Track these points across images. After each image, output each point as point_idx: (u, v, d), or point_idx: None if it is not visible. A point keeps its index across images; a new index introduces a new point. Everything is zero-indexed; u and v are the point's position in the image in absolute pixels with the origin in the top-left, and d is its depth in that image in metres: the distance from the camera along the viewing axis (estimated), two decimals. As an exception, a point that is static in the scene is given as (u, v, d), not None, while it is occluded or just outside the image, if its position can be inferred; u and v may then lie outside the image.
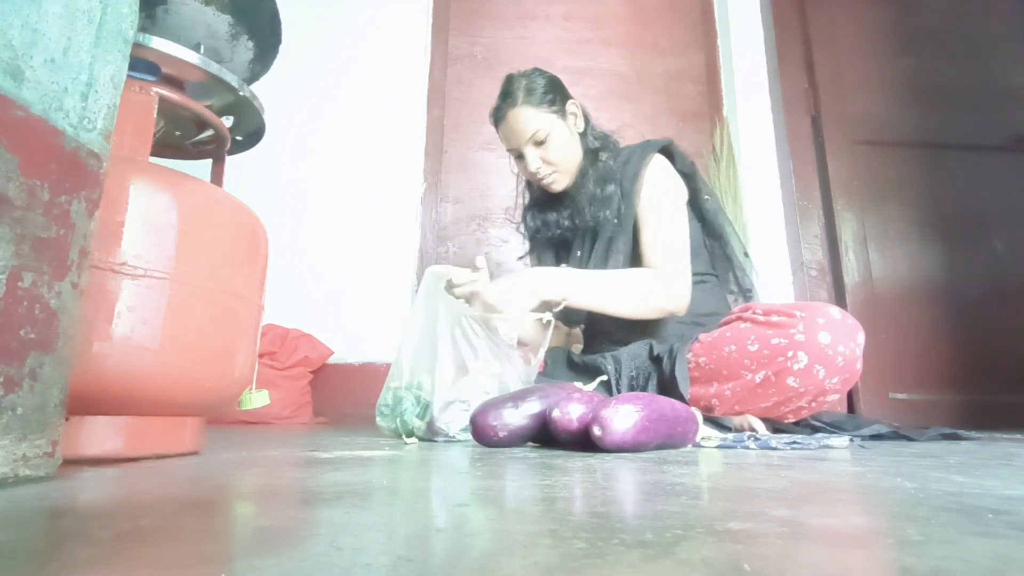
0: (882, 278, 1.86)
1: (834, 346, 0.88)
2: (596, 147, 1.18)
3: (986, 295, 1.86)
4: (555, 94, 1.14)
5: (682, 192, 1.17)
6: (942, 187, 1.93)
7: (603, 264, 1.14)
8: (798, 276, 1.89)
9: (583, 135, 1.18)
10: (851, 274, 1.85)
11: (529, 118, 1.11)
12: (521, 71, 1.16)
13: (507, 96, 1.13)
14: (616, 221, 1.13)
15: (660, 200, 1.13)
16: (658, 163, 1.16)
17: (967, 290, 1.86)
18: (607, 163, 1.16)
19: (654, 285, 1.05)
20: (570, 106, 1.16)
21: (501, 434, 0.77)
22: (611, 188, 1.13)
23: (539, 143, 1.12)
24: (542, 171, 1.14)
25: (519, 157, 1.16)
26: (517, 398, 0.80)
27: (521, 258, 1.37)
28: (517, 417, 0.78)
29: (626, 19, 2.19)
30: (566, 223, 1.21)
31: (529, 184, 1.28)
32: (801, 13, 2.05)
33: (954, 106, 2.00)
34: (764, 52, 2.09)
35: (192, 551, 0.24)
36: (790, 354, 0.89)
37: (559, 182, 1.16)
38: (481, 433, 0.77)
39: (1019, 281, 1.87)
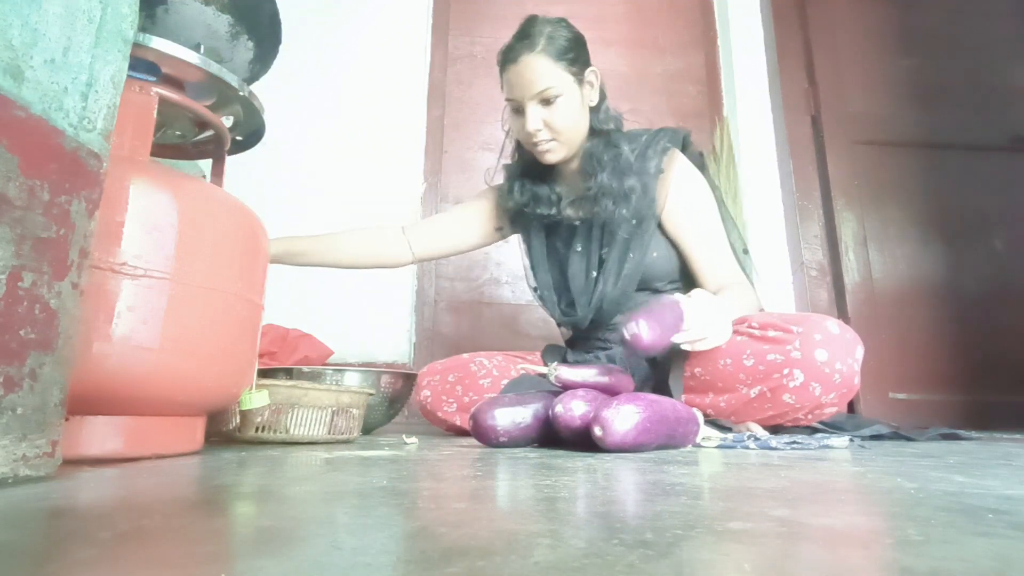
0: (882, 278, 1.86)
1: (831, 363, 0.84)
2: (608, 129, 1.05)
3: (986, 295, 1.86)
4: (577, 54, 1.00)
5: (710, 191, 1.11)
6: (942, 187, 1.93)
7: (620, 267, 1.06)
8: (798, 276, 1.89)
9: (595, 110, 1.05)
10: (851, 274, 1.85)
11: (544, 71, 0.97)
12: (547, 16, 1.01)
13: (526, 37, 0.98)
14: (634, 222, 1.04)
15: (702, 209, 1.07)
16: (684, 164, 1.08)
17: (967, 290, 1.86)
18: (623, 152, 1.04)
19: (752, 298, 1.04)
20: (589, 74, 1.03)
21: (502, 435, 0.77)
22: (631, 182, 1.03)
23: (546, 102, 0.99)
24: (541, 135, 1.00)
25: (517, 111, 1.03)
26: (519, 398, 0.80)
27: (509, 193, 1.16)
28: (518, 417, 0.78)
29: (626, 19, 2.19)
30: (568, 211, 1.10)
31: (519, 147, 1.14)
32: (801, 13, 2.05)
33: (954, 106, 2.00)
34: (764, 52, 2.09)
35: (192, 551, 0.24)
36: (786, 371, 0.86)
37: (555, 152, 1.03)
38: (482, 433, 0.77)
39: (1019, 281, 1.87)
